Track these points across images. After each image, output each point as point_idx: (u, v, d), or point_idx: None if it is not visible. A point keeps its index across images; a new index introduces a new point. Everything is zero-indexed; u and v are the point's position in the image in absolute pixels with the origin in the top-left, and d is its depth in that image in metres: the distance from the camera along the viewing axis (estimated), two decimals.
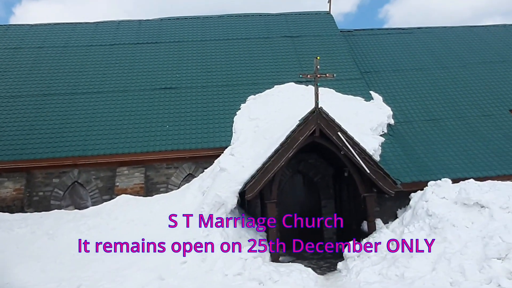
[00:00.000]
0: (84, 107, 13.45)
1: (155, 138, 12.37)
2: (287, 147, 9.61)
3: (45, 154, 11.82)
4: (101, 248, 9.40)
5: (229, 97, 13.85)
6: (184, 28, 17.23)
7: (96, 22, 17.83)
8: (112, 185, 12.03)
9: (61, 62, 15.37)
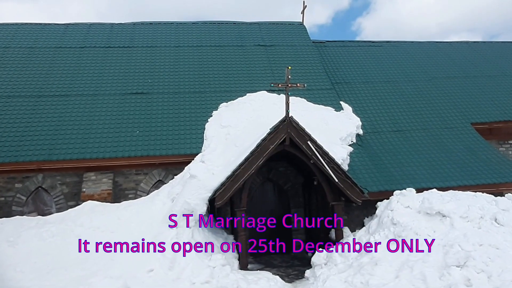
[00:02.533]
0: (51, 110, 13.08)
1: (125, 143, 12.17)
2: (257, 155, 9.68)
3: (7, 158, 11.39)
4: (65, 255, 9.14)
5: (201, 104, 13.82)
6: (158, 33, 17.10)
7: (66, 23, 17.43)
8: (78, 190, 11.73)
9: (27, 63, 14.91)
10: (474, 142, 13.73)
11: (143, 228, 10.19)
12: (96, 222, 10.18)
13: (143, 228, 10.19)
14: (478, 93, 16.68)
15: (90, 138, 12.27)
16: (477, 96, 16.47)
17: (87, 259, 9.12)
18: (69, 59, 15.35)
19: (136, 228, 10.12)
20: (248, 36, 17.40)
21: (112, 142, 12.19)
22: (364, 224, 10.52)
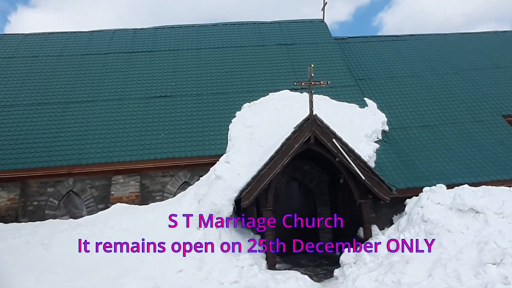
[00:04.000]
0: (79, 116, 13.43)
1: (150, 146, 12.36)
2: (282, 154, 9.64)
3: (39, 163, 11.76)
4: (97, 257, 9.36)
5: (224, 105, 13.89)
6: (179, 37, 17.30)
7: (91, 31, 17.86)
8: (107, 193, 11.98)
9: (55, 71, 15.37)
10: (506, 135, 13.25)
11: (171, 229, 10.33)
12: (126, 224, 10.37)
13: (171, 229, 10.33)
14: (509, 84, 16.10)
15: (117, 142, 12.51)
16: (508, 87, 15.89)
17: (118, 260, 9.31)
18: (95, 65, 15.72)
19: (164, 230, 10.27)
20: (268, 35, 17.37)
21: (138, 145, 12.40)
22: (393, 222, 10.32)
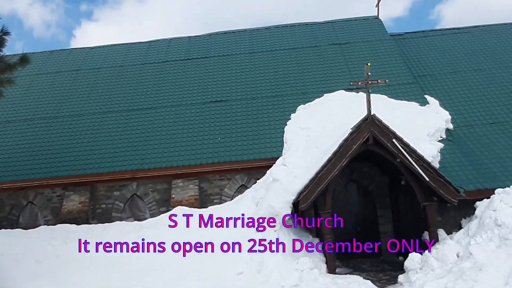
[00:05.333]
0: (140, 123, 14.05)
1: (208, 150, 12.63)
2: (340, 156, 9.46)
3: (106, 168, 12.45)
4: (159, 258, 9.72)
5: (279, 108, 13.89)
6: (232, 42, 17.59)
7: (149, 41, 18.67)
8: (168, 197, 12.41)
9: (118, 81, 16.23)
10: None
11: (229, 231, 10.48)
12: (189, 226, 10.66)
13: (230, 231, 10.48)
14: None
15: (176, 147, 12.93)
16: None
17: (179, 261, 9.59)
18: (153, 73, 16.41)
19: (223, 232, 10.44)
20: (321, 35, 17.16)
21: (196, 149, 12.72)
22: (461, 226, 9.72)
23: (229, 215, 10.97)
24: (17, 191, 12.76)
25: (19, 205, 12.84)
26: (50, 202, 12.79)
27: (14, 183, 12.51)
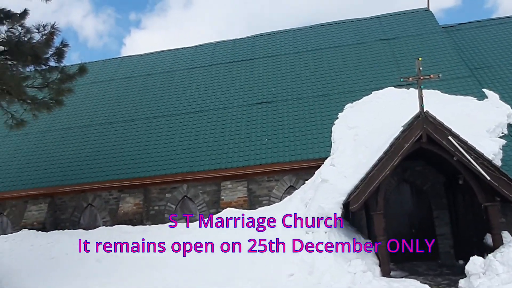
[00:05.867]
0: (189, 126, 14.40)
1: (255, 152, 12.70)
2: (391, 155, 9.16)
3: (158, 171, 12.88)
4: (209, 257, 9.92)
5: (326, 107, 13.70)
6: (277, 43, 17.59)
7: (195, 46, 19.12)
8: (217, 198, 12.61)
9: (166, 86, 16.75)
10: None
11: (279, 233, 10.46)
12: (236, 226, 10.79)
13: (279, 233, 10.46)
14: None
15: (224, 149, 13.12)
16: None
17: (230, 261, 9.71)
18: (200, 77, 16.77)
19: (273, 233, 10.44)
20: (368, 31, 16.73)
21: (244, 151, 12.84)
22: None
23: (278, 216, 10.97)
24: (78, 193, 13.54)
25: (80, 207, 13.61)
26: (108, 204, 13.45)
27: (75, 186, 13.28)
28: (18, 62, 10.06)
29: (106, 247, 10.71)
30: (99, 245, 10.75)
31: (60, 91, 10.65)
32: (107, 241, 10.83)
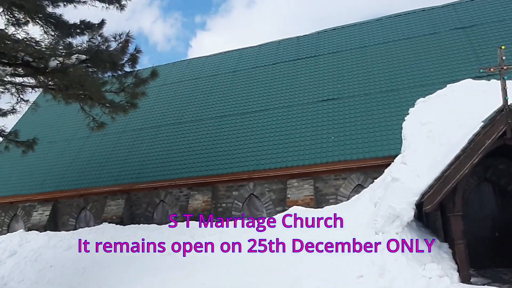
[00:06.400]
0: (254, 125, 14.58)
1: (322, 150, 12.53)
2: (470, 152, 8.52)
3: (225, 169, 13.20)
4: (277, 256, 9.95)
5: (395, 103, 13.12)
6: (342, 38, 17.18)
7: (259, 45, 19.29)
8: (283, 197, 12.64)
9: (232, 86, 17.10)
10: None
11: (347, 233, 10.23)
12: (303, 225, 10.72)
13: (347, 232, 10.22)
14: None
15: (290, 147, 13.10)
16: None
17: (300, 260, 9.66)
18: (264, 76, 16.88)
19: (341, 233, 10.22)
20: (441, 20, 15.71)
21: (310, 149, 12.72)
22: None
23: (345, 215, 10.73)
24: (151, 190, 14.33)
25: (153, 203, 14.39)
26: (178, 201, 14.07)
27: (148, 183, 14.06)
28: (98, 69, 10.84)
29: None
30: (171, 239, 11.28)
31: (135, 94, 11.31)
32: (179, 236, 11.31)
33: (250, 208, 13.25)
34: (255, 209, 13.18)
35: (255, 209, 13.18)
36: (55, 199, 15.42)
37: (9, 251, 12.62)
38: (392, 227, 9.35)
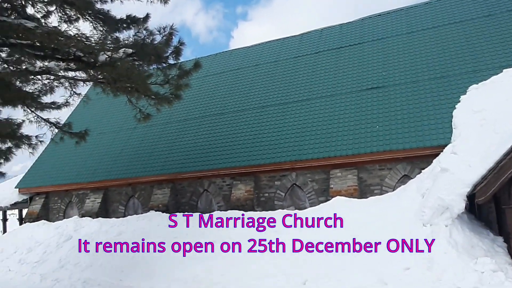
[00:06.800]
0: (296, 115, 14.46)
1: (366, 139, 12.23)
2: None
3: (267, 159, 13.22)
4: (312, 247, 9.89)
5: (445, 90, 12.51)
6: (387, 24, 16.57)
7: (300, 34, 19.03)
8: (326, 187, 12.50)
9: (273, 76, 17.02)
10: None
11: (392, 224, 9.96)
12: (347, 217, 10.57)
13: (393, 224, 9.96)
14: None
15: (333, 137, 12.89)
16: None
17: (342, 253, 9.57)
18: (306, 65, 16.66)
19: (385, 225, 9.98)
20: (496, 2, 14.73)
21: (354, 139, 12.45)
22: None
23: (391, 206, 10.46)
24: (195, 180, 14.67)
25: (197, 192, 14.72)
26: (221, 190, 14.31)
27: (192, 173, 14.39)
28: (143, 62, 11.13)
29: (221, 230, 11.44)
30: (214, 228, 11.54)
31: (179, 86, 11.53)
32: None
33: (293, 198, 13.23)
34: (297, 199, 13.14)
35: (298, 199, 13.14)
36: (106, 187, 16.19)
37: (65, 235, 13.45)
38: (441, 219, 9.01)
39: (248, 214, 12.01)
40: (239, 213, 12.24)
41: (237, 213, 12.29)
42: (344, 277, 8.76)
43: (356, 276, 8.65)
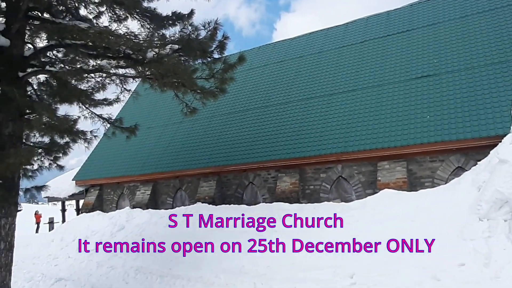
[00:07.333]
0: (342, 106, 14.18)
1: (415, 130, 11.77)
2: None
3: (312, 152, 13.10)
4: None
5: (503, 76, 11.75)
6: (438, 8, 15.77)
7: (346, 23, 18.58)
8: (374, 179, 12.19)
9: (318, 67, 16.77)
10: None
11: (445, 218, 9.54)
12: (395, 209, 10.26)
13: (445, 218, 9.54)
14: None
15: (380, 128, 12.52)
16: None
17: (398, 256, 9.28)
18: (352, 55, 16.26)
19: (437, 218, 9.58)
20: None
21: (402, 130, 12.03)
22: None
23: (442, 200, 10.01)
24: (240, 173, 14.82)
25: (242, 184, 14.88)
26: (266, 183, 14.36)
27: (237, 166, 14.56)
28: (189, 57, 11.34)
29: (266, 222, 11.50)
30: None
31: (224, 80, 11.65)
32: (270, 216, 11.54)
33: (339, 190, 13.03)
34: (343, 192, 12.92)
35: (344, 191, 12.92)
36: (155, 180, 16.77)
37: (118, 225, 14.09)
38: (499, 214, 8.50)
39: (294, 207, 11.97)
40: (285, 206, 12.25)
41: (283, 206, 12.31)
42: (394, 272, 8.52)
43: (407, 271, 8.38)
